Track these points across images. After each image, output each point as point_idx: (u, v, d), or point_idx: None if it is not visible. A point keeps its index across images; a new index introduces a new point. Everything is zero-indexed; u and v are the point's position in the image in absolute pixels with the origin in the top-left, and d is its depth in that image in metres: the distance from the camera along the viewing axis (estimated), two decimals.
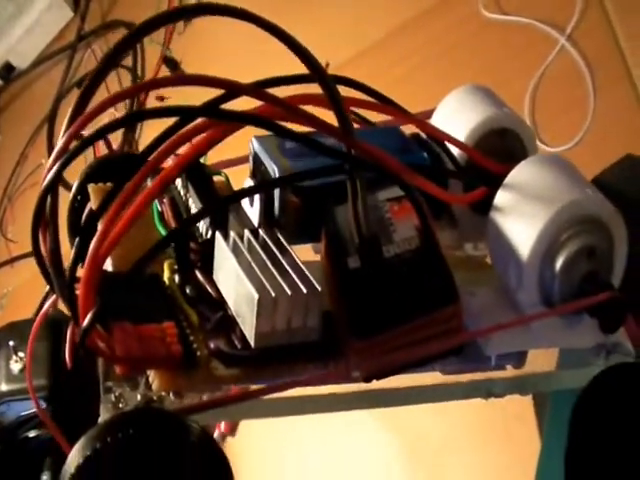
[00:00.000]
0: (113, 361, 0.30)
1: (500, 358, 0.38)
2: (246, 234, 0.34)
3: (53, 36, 1.34)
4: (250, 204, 0.37)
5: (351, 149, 0.32)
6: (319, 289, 0.31)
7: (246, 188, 0.34)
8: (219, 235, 0.34)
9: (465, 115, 0.41)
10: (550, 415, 0.44)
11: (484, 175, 0.38)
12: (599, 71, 0.74)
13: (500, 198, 0.36)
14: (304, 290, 0.31)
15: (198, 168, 0.38)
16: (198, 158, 0.37)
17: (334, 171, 0.33)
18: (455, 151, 0.40)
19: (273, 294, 0.31)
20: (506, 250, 0.35)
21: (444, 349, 0.32)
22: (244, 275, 0.31)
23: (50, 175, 0.28)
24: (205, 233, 0.36)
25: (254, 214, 0.37)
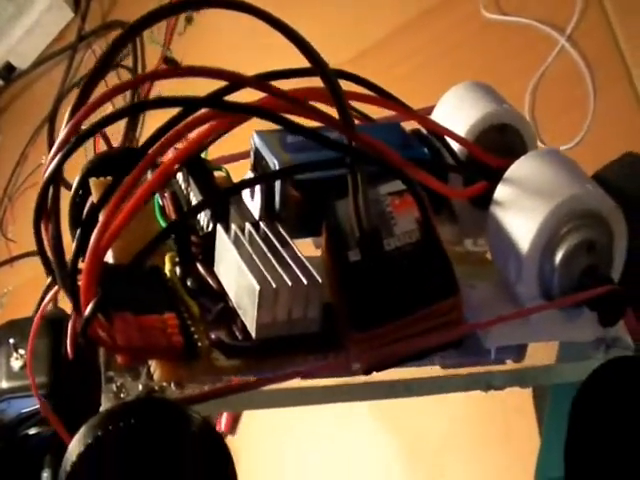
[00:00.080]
0: (114, 350, 0.30)
1: (500, 352, 0.38)
2: (247, 227, 0.34)
3: (53, 36, 1.34)
4: (251, 197, 0.37)
5: (352, 141, 0.32)
6: (320, 281, 0.31)
7: (246, 179, 0.34)
8: (220, 227, 0.34)
9: (465, 111, 0.41)
10: (550, 408, 0.45)
11: (484, 170, 0.38)
12: (599, 71, 0.75)
13: (500, 192, 0.36)
14: (305, 281, 0.31)
15: (199, 162, 0.38)
16: (199, 151, 0.37)
17: (335, 164, 0.34)
18: (455, 147, 0.40)
19: (274, 285, 0.31)
20: (506, 244, 0.35)
21: (444, 341, 0.32)
22: (245, 266, 0.31)
23: (52, 166, 0.28)
24: (206, 226, 0.36)
25: (255, 208, 0.37)
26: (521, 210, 0.35)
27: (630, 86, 0.72)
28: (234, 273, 0.32)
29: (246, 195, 0.38)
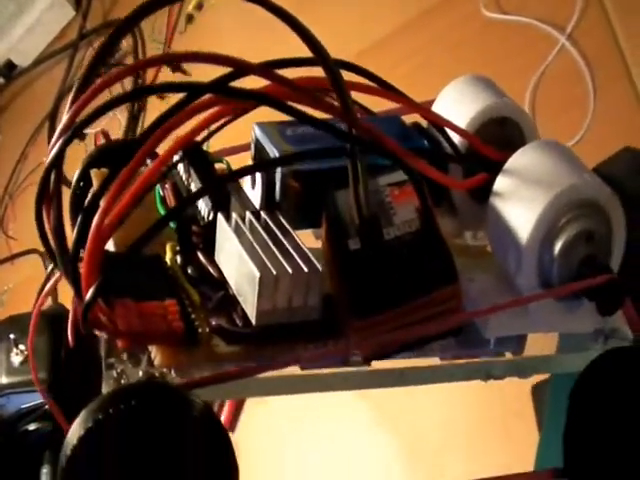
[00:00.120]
0: (115, 335, 0.30)
1: (499, 344, 0.38)
2: (248, 216, 0.34)
3: (55, 35, 1.35)
4: (252, 186, 0.37)
5: (352, 128, 0.32)
6: (320, 268, 0.31)
7: (245, 166, 0.34)
8: (221, 216, 0.34)
9: (465, 104, 0.41)
10: (550, 400, 0.45)
11: (484, 162, 0.38)
12: (599, 70, 0.75)
13: (500, 183, 0.36)
14: (305, 269, 0.31)
15: (200, 153, 0.38)
16: (201, 141, 0.37)
17: (335, 152, 0.34)
18: (456, 139, 0.40)
19: (274, 272, 0.31)
20: (505, 234, 0.35)
21: (443, 329, 0.32)
22: (246, 254, 0.32)
23: (54, 151, 0.28)
24: (207, 216, 0.36)
25: (256, 198, 0.37)
26: (520, 201, 0.35)
27: (630, 85, 0.73)
28: (235, 261, 0.32)
29: (247, 186, 0.38)
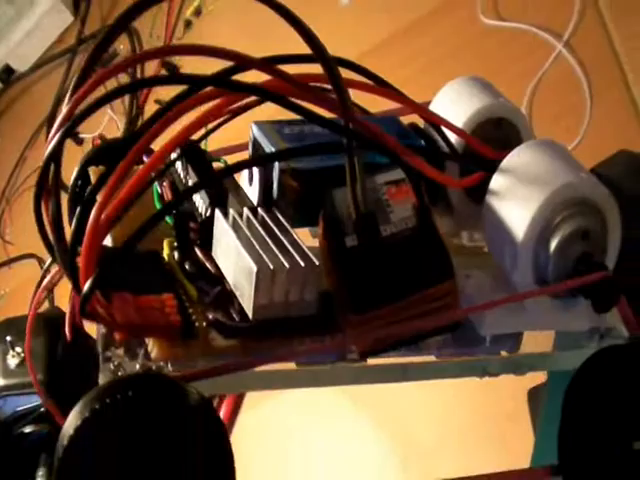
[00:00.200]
0: (113, 327, 0.30)
1: (495, 343, 0.38)
2: (245, 212, 0.34)
3: (53, 40, 1.35)
4: (249, 183, 0.37)
5: (348, 122, 0.32)
6: (317, 263, 0.32)
7: (242, 161, 0.34)
8: (218, 212, 0.34)
9: (462, 105, 0.41)
10: (546, 398, 0.45)
11: (481, 161, 0.38)
12: (596, 77, 0.75)
13: (496, 181, 0.37)
14: (302, 264, 0.31)
15: (198, 152, 0.38)
16: (199, 140, 0.37)
17: (331, 148, 0.34)
18: (453, 139, 0.40)
19: (271, 267, 0.31)
20: (501, 232, 0.36)
21: (439, 325, 0.33)
22: (243, 249, 0.32)
23: (53, 143, 0.28)
24: (205, 213, 0.36)
25: (253, 196, 0.37)
26: (516, 199, 0.35)
27: (626, 91, 0.73)
28: (232, 256, 0.33)
29: (245, 184, 0.38)
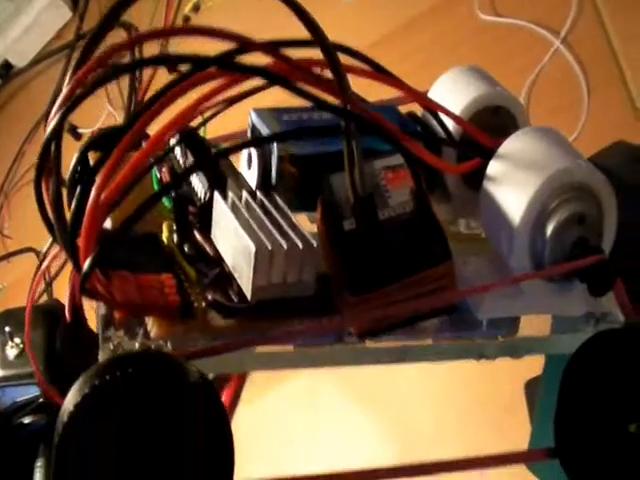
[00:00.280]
0: (112, 306, 0.30)
1: (492, 327, 0.38)
2: (244, 195, 0.35)
3: (52, 35, 1.35)
4: (248, 168, 0.37)
5: (347, 104, 0.32)
6: (315, 244, 0.32)
7: (239, 143, 0.34)
8: (217, 194, 0.34)
9: (459, 93, 0.41)
10: (543, 382, 0.45)
11: (478, 149, 0.39)
12: (593, 73, 0.75)
13: (492, 167, 0.37)
14: (300, 245, 0.32)
15: (196, 138, 0.38)
16: (197, 127, 0.38)
17: (329, 131, 0.34)
18: (450, 127, 0.40)
19: (270, 247, 0.31)
20: (498, 217, 0.36)
21: (436, 307, 0.33)
22: (242, 230, 0.32)
23: (54, 121, 0.28)
24: (204, 197, 0.36)
25: (252, 181, 0.38)
26: (513, 184, 0.36)
27: (624, 88, 0.73)
28: (231, 238, 0.33)
29: (244, 169, 0.38)
